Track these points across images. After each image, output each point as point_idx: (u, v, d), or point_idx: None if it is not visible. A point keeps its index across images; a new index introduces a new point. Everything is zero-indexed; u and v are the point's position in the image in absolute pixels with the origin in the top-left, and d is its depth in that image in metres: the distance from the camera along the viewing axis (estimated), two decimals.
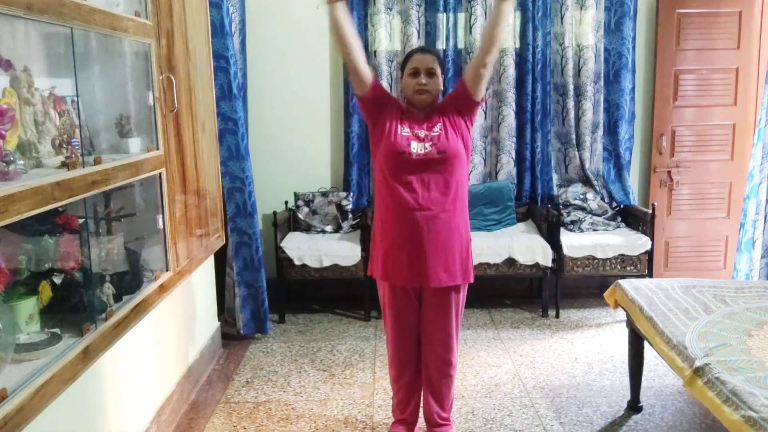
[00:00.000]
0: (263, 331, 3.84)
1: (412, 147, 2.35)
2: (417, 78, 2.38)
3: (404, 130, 2.39)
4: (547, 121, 4.45)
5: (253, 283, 3.76)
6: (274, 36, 4.38)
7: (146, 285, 2.40)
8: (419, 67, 2.38)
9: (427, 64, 2.39)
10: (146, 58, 2.44)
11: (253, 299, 3.79)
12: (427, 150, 2.35)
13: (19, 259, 1.87)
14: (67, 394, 1.85)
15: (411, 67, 2.40)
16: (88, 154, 2.13)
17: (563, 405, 3.00)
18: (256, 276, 3.75)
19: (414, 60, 2.41)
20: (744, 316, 2.51)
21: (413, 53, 2.45)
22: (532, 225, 4.38)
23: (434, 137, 2.37)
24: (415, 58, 2.42)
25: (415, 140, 2.37)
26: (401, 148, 2.35)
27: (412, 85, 2.39)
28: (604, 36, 4.35)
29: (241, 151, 3.57)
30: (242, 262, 3.72)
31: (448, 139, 2.37)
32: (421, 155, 2.34)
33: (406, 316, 2.51)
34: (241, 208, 3.63)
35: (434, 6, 4.26)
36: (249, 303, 3.79)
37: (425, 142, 2.36)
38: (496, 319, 4.14)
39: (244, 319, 3.78)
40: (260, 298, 3.78)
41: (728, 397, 1.93)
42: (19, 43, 1.89)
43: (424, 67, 2.38)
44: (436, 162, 2.35)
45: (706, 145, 4.47)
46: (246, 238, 3.67)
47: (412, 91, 2.40)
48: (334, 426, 2.84)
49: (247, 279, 3.75)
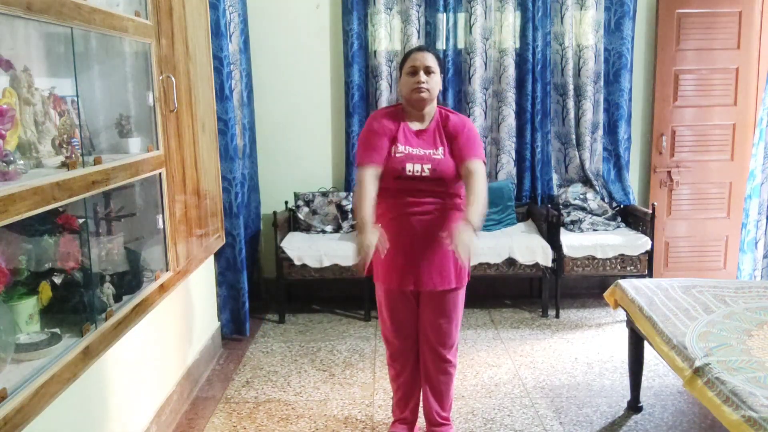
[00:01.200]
0: (243, 333, 3.81)
1: (407, 169, 2.32)
2: (415, 76, 2.35)
3: (399, 149, 2.35)
4: (547, 121, 4.45)
5: (234, 284, 3.75)
6: (274, 36, 4.38)
7: (146, 285, 2.40)
8: (417, 66, 2.35)
9: (426, 62, 2.36)
10: (146, 58, 2.44)
11: (233, 300, 3.77)
12: (424, 174, 2.32)
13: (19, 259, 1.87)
14: (67, 394, 1.85)
15: (409, 66, 2.37)
16: (88, 154, 2.13)
17: (563, 405, 3.00)
18: (238, 277, 3.74)
19: (412, 58, 2.38)
20: (744, 316, 2.51)
21: (411, 52, 2.42)
22: (532, 225, 4.38)
23: (435, 160, 2.34)
24: (413, 56, 2.38)
25: (410, 162, 2.33)
26: (396, 172, 2.32)
27: (411, 83, 2.36)
28: (604, 36, 4.35)
29: (230, 152, 3.56)
30: (225, 263, 3.71)
31: (448, 163, 2.35)
32: (417, 176, 2.32)
33: (403, 316, 2.51)
34: (228, 209, 3.62)
35: (434, 6, 4.26)
36: (229, 304, 3.78)
37: (423, 163, 2.33)
38: (496, 319, 4.14)
39: (223, 319, 3.77)
40: (241, 300, 3.76)
41: (728, 397, 1.93)
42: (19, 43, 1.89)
43: (422, 65, 2.35)
44: (432, 180, 2.34)
45: (706, 145, 4.47)
46: (230, 239, 3.65)
47: (410, 89, 2.37)
48: (334, 426, 2.84)
49: (229, 279, 3.74)
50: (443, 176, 2.33)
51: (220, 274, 3.71)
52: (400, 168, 2.32)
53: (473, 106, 4.36)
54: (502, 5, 4.28)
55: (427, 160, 2.33)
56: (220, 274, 3.71)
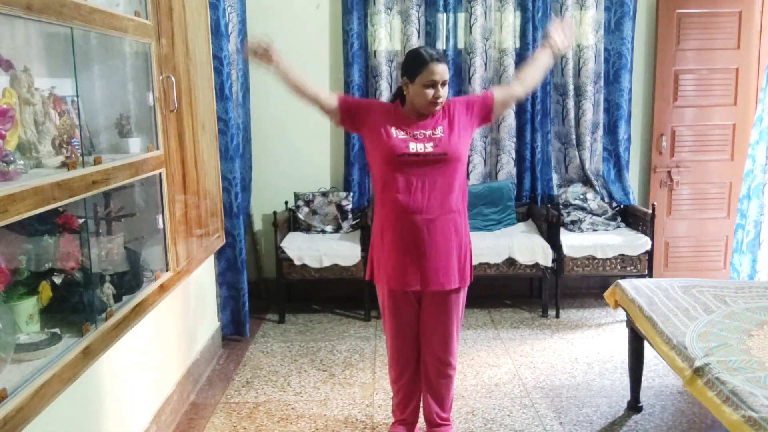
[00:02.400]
0: (242, 334, 3.81)
1: (411, 148, 2.32)
2: (434, 90, 2.30)
3: (399, 133, 2.34)
4: (547, 121, 4.45)
5: (234, 284, 3.74)
6: (274, 36, 4.32)
7: (146, 285, 2.40)
8: (437, 80, 2.28)
9: (444, 76, 2.30)
10: (146, 58, 2.44)
11: (234, 301, 3.77)
12: (427, 150, 2.32)
13: (19, 259, 1.87)
14: (67, 394, 1.85)
15: (428, 79, 2.27)
16: (88, 154, 2.13)
17: (563, 405, 3.00)
18: (238, 278, 3.73)
19: (431, 71, 2.27)
20: (744, 316, 2.51)
21: (428, 62, 2.28)
22: (532, 225, 4.38)
23: (436, 138, 2.34)
24: (433, 68, 2.27)
25: (413, 141, 2.33)
26: (400, 150, 2.31)
27: (428, 96, 2.30)
28: (604, 36, 4.35)
29: (230, 151, 3.56)
30: (225, 263, 3.71)
31: (450, 140, 2.34)
32: (421, 155, 2.31)
33: (405, 317, 2.50)
34: (228, 209, 3.62)
35: (434, 6, 4.26)
36: (230, 304, 3.78)
37: (425, 142, 2.33)
38: (496, 319, 4.14)
39: (223, 319, 3.77)
40: (241, 301, 3.76)
41: (728, 397, 1.93)
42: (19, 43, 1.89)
43: (441, 79, 2.29)
44: (436, 162, 2.32)
45: (706, 145, 4.47)
46: (230, 239, 3.64)
47: (426, 102, 2.31)
48: (334, 426, 2.84)
49: (229, 280, 3.74)
50: (446, 150, 2.32)
51: (220, 274, 3.71)
52: (404, 146, 2.31)
53: None
54: (502, 5, 4.28)
55: (428, 139, 2.34)
56: (220, 274, 3.70)
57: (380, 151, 2.35)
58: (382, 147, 2.34)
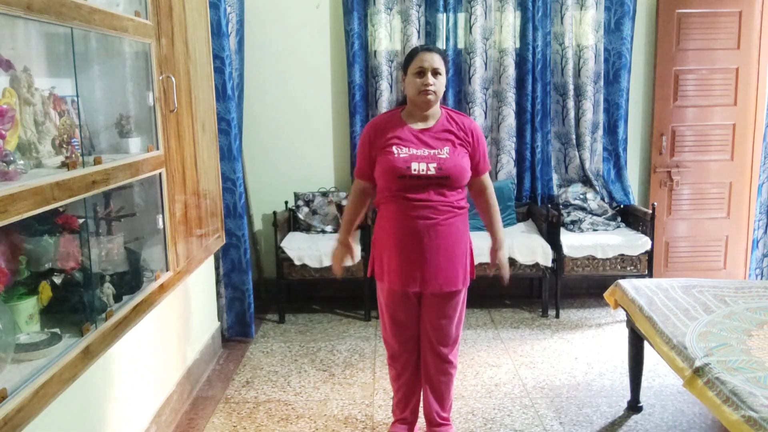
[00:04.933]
0: (248, 335, 3.80)
1: (413, 168, 2.29)
2: (423, 78, 2.30)
3: (402, 150, 2.32)
4: (547, 121, 4.45)
5: (239, 285, 3.73)
6: (274, 35, 4.37)
7: (146, 285, 2.40)
8: (425, 67, 2.30)
9: (434, 64, 2.30)
10: (146, 58, 2.44)
11: (239, 302, 3.76)
12: (430, 173, 2.29)
13: (19, 259, 1.87)
14: (67, 394, 1.85)
15: (416, 67, 2.30)
16: (88, 154, 2.13)
17: (563, 405, 3.00)
18: (243, 278, 3.72)
19: (419, 59, 2.30)
20: (744, 316, 2.51)
21: (417, 52, 2.33)
22: (532, 225, 4.38)
23: (440, 159, 2.31)
24: (421, 57, 2.31)
25: (415, 161, 2.30)
26: (401, 171, 2.29)
27: (418, 84, 2.31)
28: (604, 36, 4.35)
29: (234, 151, 3.55)
30: (230, 264, 3.70)
31: (454, 164, 2.32)
32: (423, 177, 2.29)
33: (405, 316, 2.50)
34: (231, 209, 3.61)
35: (434, 6, 4.26)
36: (235, 306, 3.77)
37: (428, 162, 2.30)
38: (496, 319, 4.14)
39: (228, 321, 3.77)
40: (246, 302, 3.75)
41: (728, 397, 1.93)
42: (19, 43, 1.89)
43: (430, 66, 2.29)
44: (438, 180, 2.31)
45: (706, 145, 4.47)
46: (234, 240, 3.64)
47: (417, 91, 2.31)
48: (334, 426, 2.84)
49: (234, 281, 3.73)
50: (449, 174, 2.31)
51: (225, 275, 3.69)
52: (405, 168, 2.29)
53: (473, 106, 4.36)
54: (502, 5, 4.28)
55: (432, 159, 2.31)
56: (225, 275, 3.69)
57: (383, 169, 2.35)
58: (384, 165, 2.34)
